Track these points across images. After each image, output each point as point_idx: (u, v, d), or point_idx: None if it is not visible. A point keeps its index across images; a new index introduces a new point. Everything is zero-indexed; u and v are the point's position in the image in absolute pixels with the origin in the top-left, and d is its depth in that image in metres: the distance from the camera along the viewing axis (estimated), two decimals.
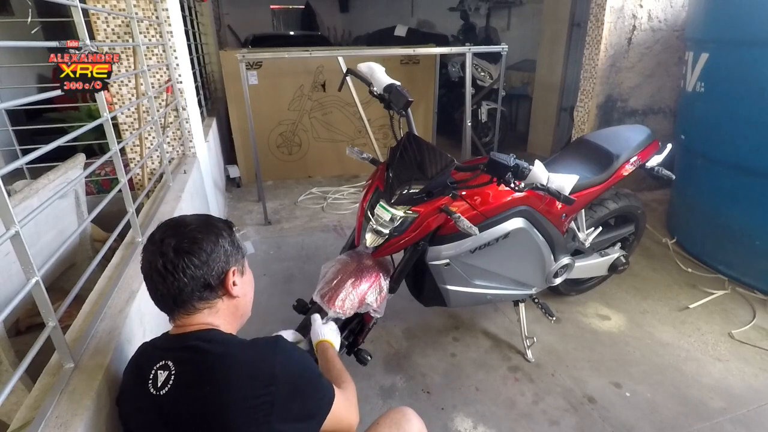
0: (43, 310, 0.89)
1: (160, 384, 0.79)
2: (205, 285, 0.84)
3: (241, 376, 0.78)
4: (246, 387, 0.77)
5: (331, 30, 9.58)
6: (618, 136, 2.06)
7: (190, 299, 0.84)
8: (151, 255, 0.83)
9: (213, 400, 0.76)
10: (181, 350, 0.82)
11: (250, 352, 0.82)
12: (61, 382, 0.90)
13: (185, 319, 0.85)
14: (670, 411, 1.67)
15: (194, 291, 0.83)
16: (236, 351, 0.81)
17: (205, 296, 0.85)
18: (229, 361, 0.79)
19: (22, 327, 1.80)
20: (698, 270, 2.57)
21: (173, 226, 0.86)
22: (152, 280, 0.83)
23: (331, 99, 4.05)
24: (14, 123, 3.35)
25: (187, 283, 0.82)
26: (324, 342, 1.21)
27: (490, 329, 2.11)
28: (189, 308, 0.85)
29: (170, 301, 0.84)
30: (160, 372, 0.81)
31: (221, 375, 0.78)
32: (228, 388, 0.76)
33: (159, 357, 0.82)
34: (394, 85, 1.57)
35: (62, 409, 0.85)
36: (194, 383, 0.78)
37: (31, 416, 0.83)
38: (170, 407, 0.78)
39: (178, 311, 0.85)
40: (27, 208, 1.55)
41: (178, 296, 0.83)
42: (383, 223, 1.42)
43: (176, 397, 0.78)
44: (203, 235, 0.85)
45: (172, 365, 0.80)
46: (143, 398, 0.80)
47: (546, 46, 4.57)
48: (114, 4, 2.13)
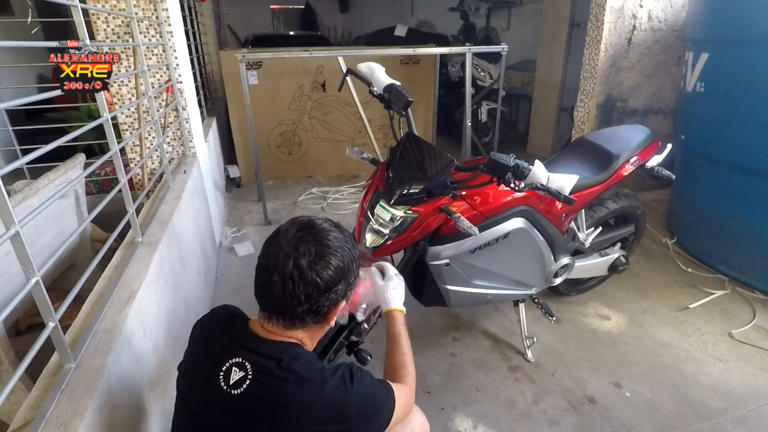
0: (43, 310, 0.89)
1: (232, 382, 0.80)
2: (316, 311, 0.84)
3: (316, 408, 0.79)
4: (317, 420, 0.79)
5: (331, 30, 9.58)
6: (618, 136, 2.06)
7: (295, 316, 0.83)
8: (283, 257, 0.80)
9: (282, 422, 0.77)
10: (265, 358, 0.81)
11: (328, 387, 0.81)
12: (61, 382, 0.90)
13: (276, 327, 0.85)
14: (670, 411, 1.67)
15: (304, 312, 0.83)
16: (316, 380, 0.81)
17: (308, 320, 0.85)
18: (307, 390, 0.80)
19: (22, 327, 1.80)
20: (698, 270, 2.57)
21: (314, 233, 0.84)
22: (270, 277, 0.81)
23: (331, 99, 4.05)
24: (14, 123, 3.34)
25: (303, 302, 0.81)
26: (395, 311, 1.16)
27: (490, 329, 2.11)
28: (288, 322, 0.84)
29: (275, 306, 0.83)
30: (235, 369, 0.80)
31: (296, 401, 0.78)
32: (299, 416, 0.78)
33: (237, 353, 0.82)
34: (394, 85, 1.57)
35: (62, 409, 0.85)
36: (269, 399, 0.79)
37: (31, 416, 0.83)
38: (238, 409, 0.79)
39: (275, 318, 0.84)
40: (27, 208, 1.55)
41: (286, 307, 0.82)
42: (383, 223, 1.42)
43: (247, 404, 0.79)
44: (337, 261, 0.83)
45: (250, 368, 0.80)
46: (210, 387, 0.81)
47: (546, 46, 4.57)
48: (114, 4, 2.13)
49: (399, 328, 1.16)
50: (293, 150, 4.17)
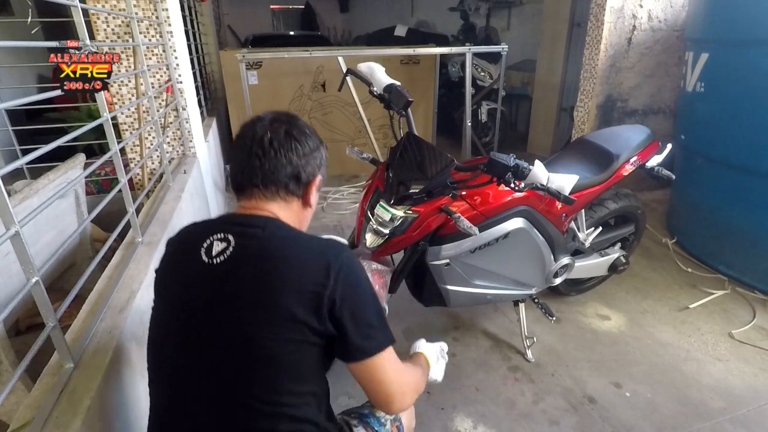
0: (43, 310, 0.89)
1: (215, 253, 0.78)
2: (296, 176, 0.85)
3: (304, 260, 0.77)
4: (305, 272, 0.76)
5: (331, 30, 9.58)
6: (618, 136, 2.06)
7: (277, 182, 0.84)
8: (259, 129, 0.84)
9: (270, 276, 0.75)
10: (248, 227, 0.81)
11: (317, 244, 0.82)
12: (61, 382, 0.90)
13: (259, 201, 0.85)
14: (670, 411, 1.67)
15: (285, 177, 0.84)
16: (304, 239, 0.82)
17: (290, 188, 0.85)
18: (295, 244, 0.80)
19: (22, 327, 1.80)
20: (698, 270, 2.57)
21: (284, 115, 0.89)
22: (249, 152, 0.82)
23: (331, 99, 4.05)
24: (14, 123, 3.34)
25: (285, 165, 0.83)
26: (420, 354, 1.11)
27: (490, 329, 2.11)
28: (270, 191, 0.84)
29: (256, 178, 0.83)
30: (217, 243, 0.79)
31: (284, 254, 0.78)
32: (288, 268, 0.76)
33: (219, 230, 0.81)
34: (394, 85, 1.57)
35: (62, 409, 0.85)
36: (255, 257, 0.77)
37: (31, 416, 0.83)
38: (222, 276, 0.77)
39: (257, 191, 0.84)
40: (27, 208, 1.55)
41: (268, 175, 0.83)
42: (383, 223, 1.43)
43: (231, 268, 0.77)
44: (311, 134, 0.89)
45: (233, 239, 0.79)
46: (191, 265, 0.79)
47: (546, 46, 4.57)
48: (114, 4, 2.13)
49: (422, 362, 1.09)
50: None
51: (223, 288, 0.77)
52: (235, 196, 0.88)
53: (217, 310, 0.76)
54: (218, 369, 0.75)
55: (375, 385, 0.82)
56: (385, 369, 0.81)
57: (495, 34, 5.82)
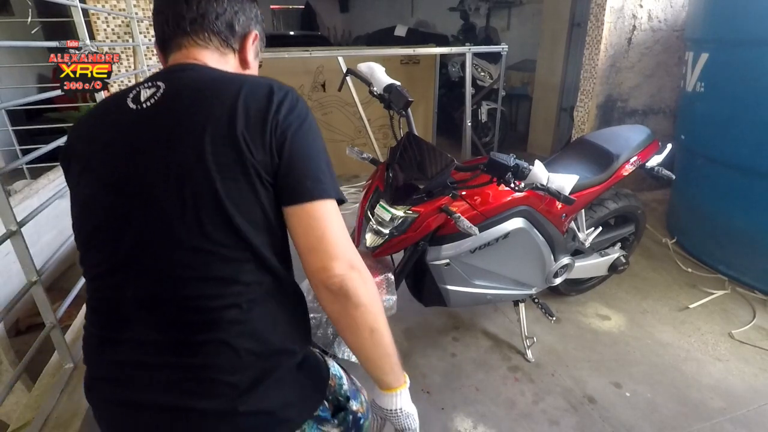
0: (43, 310, 0.89)
1: (143, 99, 0.70)
2: (229, 24, 0.79)
3: (247, 85, 0.70)
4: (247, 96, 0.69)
5: (331, 30, 9.58)
6: (618, 136, 2.06)
7: (208, 28, 0.77)
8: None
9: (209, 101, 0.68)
10: (180, 71, 0.74)
11: (261, 77, 0.75)
12: (61, 382, 0.90)
13: (191, 50, 0.77)
14: (670, 411, 1.67)
15: (217, 22, 0.77)
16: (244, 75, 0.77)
17: (224, 36, 0.79)
18: (235, 75, 0.75)
19: (22, 327, 1.80)
20: (698, 270, 2.57)
21: None
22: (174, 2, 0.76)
23: (331, 99, 4.05)
24: (14, 123, 3.34)
25: (214, 8, 0.76)
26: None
27: (490, 329, 2.11)
28: (201, 37, 0.77)
29: (183, 22, 0.76)
30: (145, 90, 0.71)
31: (223, 80, 0.72)
32: (229, 92, 0.69)
33: (145, 81, 0.74)
34: (394, 85, 1.57)
35: (62, 409, 0.85)
36: (191, 88, 0.71)
37: (31, 416, 0.83)
38: (155, 116, 0.69)
39: (186, 40, 0.77)
40: (27, 208, 1.55)
41: (197, 19, 0.76)
42: (383, 223, 1.42)
43: (165, 105, 0.69)
44: None
45: (162, 84, 0.71)
46: (118, 116, 0.71)
47: (546, 46, 4.57)
48: (114, 4, 2.13)
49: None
50: None
51: (157, 127, 0.69)
52: (162, 58, 0.80)
53: (156, 151, 0.68)
54: (164, 211, 0.66)
55: (316, 239, 0.68)
56: (331, 222, 0.69)
57: (495, 34, 5.82)
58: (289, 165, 0.68)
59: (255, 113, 0.68)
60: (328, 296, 0.69)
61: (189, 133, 0.67)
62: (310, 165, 0.70)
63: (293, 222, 0.70)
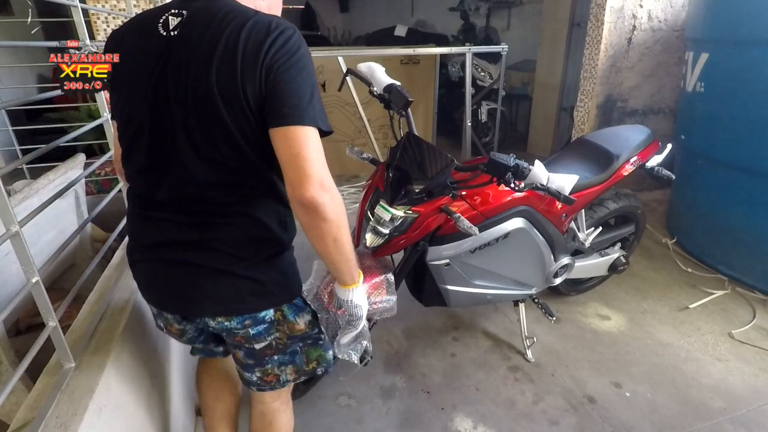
0: (43, 310, 0.89)
1: (171, 26, 0.83)
2: None
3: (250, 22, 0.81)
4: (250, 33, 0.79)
5: (331, 30, 9.57)
6: (618, 136, 2.06)
7: None
8: None
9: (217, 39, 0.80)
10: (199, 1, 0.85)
11: (265, 15, 0.84)
12: (61, 382, 0.90)
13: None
14: (670, 411, 1.67)
15: None
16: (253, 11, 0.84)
17: None
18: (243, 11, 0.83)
19: (22, 327, 1.80)
20: (698, 270, 2.57)
21: None
22: None
23: (331, 99, 4.05)
24: (14, 123, 3.34)
25: None
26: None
27: (490, 329, 2.11)
28: None
29: None
30: (173, 18, 0.84)
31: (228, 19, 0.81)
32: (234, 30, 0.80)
33: (174, 8, 0.85)
34: (394, 85, 1.57)
35: (62, 409, 0.85)
36: (204, 25, 0.82)
37: (31, 416, 0.83)
38: (175, 44, 0.82)
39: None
40: (27, 208, 1.55)
41: None
42: (383, 223, 1.42)
43: (183, 34, 0.82)
44: None
45: (185, 12, 0.84)
46: (151, 40, 0.84)
47: (546, 46, 4.57)
48: (114, 4, 2.13)
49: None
50: None
51: (179, 54, 0.82)
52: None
53: (178, 75, 0.81)
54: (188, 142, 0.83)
55: (293, 159, 0.79)
56: (308, 145, 0.79)
57: (495, 34, 5.82)
58: (272, 95, 0.80)
59: (252, 46, 0.79)
60: (301, 209, 0.81)
61: (201, 62, 0.80)
62: (290, 95, 0.79)
63: (274, 143, 0.81)
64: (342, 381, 1.79)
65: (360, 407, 1.69)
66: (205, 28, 0.81)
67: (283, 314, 0.98)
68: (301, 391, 1.67)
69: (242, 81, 0.79)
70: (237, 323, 0.93)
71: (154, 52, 0.83)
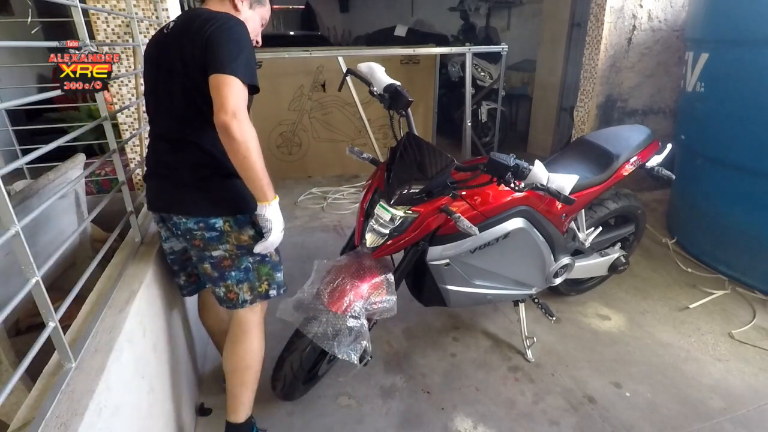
0: (43, 310, 0.89)
1: (169, 29, 1.24)
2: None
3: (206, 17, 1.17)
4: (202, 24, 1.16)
5: (331, 30, 9.56)
6: (618, 136, 2.06)
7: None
8: None
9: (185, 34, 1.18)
10: (190, 11, 1.26)
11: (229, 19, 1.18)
12: (61, 382, 0.90)
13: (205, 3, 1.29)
14: (670, 411, 1.67)
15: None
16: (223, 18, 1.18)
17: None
18: (210, 14, 1.19)
19: (22, 327, 1.80)
20: (698, 270, 2.57)
21: None
22: None
23: (331, 99, 4.05)
24: (14, 123, 3.34)
25: None
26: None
27: (490, 329, 2.11)
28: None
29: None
30: (172, 23, 1.25)
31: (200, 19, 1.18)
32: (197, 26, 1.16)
33: (176, 18, 1.27)
34: (394, 85, 1.57)
35: (62, 409, 0.85)
36: (181, 25, 1.21)
37: (31, 416, 0.83)
38: (168, 38, 1.22)
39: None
40: (27, 208, 1.55)
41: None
42: (383, 223, 1.42)
43: (171, 33, 1.22)
44: None
45: (178, 19, 1.26)
46: (159, 38, 1.26)
47: (546, 46, 4.57)
48: (114, 4, 2.13)
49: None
50: (293, 150, 4.17)
51: (167, 45, 1.22)
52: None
53: (163, 62, 1.22)
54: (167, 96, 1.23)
55: (216, 96, 1.09)
56: (232, 90, 1.09)
57: (495, 34, 5.82)
58: (208, 54, 1.13)
59: (200, 26, 1.15)
60: (219, 131, 1.10)
61: (177, 49, 1.18)
62: (218, 54, 1.12)
63: (210, 85, 1.12)
64: (342, 381, 1.79)
65: (360, 407, 1.69)
66: (183, 24, 1.21)
67: (230, 225, 1.26)
68: (301, 391, 1.67)
69: (192, 49, 1.14)
70: (193, 224, 1.25)
71: (159, 46, 1.26)
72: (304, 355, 1.50)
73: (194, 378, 1.70)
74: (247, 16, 1.29)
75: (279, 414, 1.65)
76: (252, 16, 1.32)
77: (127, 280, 1.28)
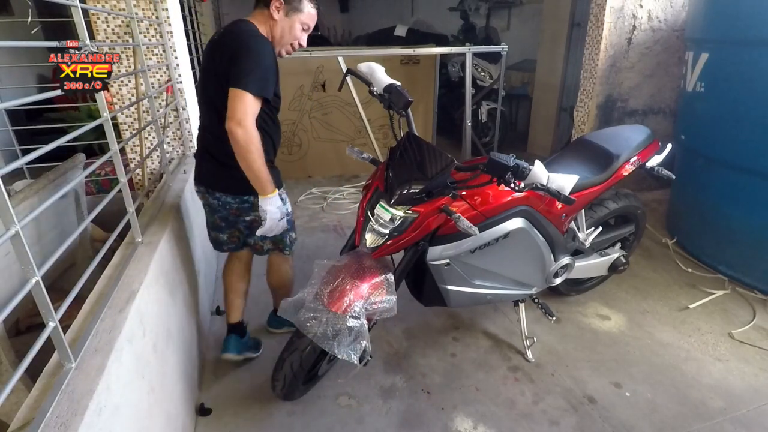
0: (43, 310, 0.89)
1: (217, 36, 1.51)
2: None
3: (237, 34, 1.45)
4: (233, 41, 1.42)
5: (331, 30, 9.56)
6: (618, 136, 2.06)
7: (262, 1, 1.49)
8: None
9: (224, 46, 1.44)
10: (236, 23, 1.50)
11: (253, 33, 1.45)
12: (61, 382, 0.90)
13: (253, 12, 1.52)
14: (670, 411, 1.67)
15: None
16: (251, 31, 1.45)
17: (263, 4, 1.48)
18: (246, 31, 1.45)
19: (22, 327, 1.80)
20: (698, 270, 2.57)
21: None
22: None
23: (331, 99, 4.05)
24: (14, 123, 3.35)
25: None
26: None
27: (490, 329, 2.11)
28: (257, 6, 1.51)
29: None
30: (221, 30, 1.52)
31: (235, 34, 1.45)
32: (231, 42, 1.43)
33: (225, 27, 1.53)
34: (394, 85, 1.57)
35: (62, 409, 0.85)
36: (222, 37, 1.49)
37: (31, 416, 0.83)
38: (214, 45, 1.49)
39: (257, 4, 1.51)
40: (27, 208, 1.56)
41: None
42: (383, 223, 1.43)
43: (217, 40, 1.49)
44: None
45: (224, 29, 1.52)
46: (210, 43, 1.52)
47: (546, 46, 4.57)
48: (114, 4, 2.13)
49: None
50: (293, 150, 4.17)
51: (214, 51, 1.47)
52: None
53: (209, 65, 1.48)
54: (210, 99, 1.51)
55: (229, 105, 1.34)
56: (242, 103, 1.33)
57: (495, 34, 5.81)
58: (229, 67, 1.38)
59: (230, 45, 1.42)
60: (229, 136, 1.35)
61: (218, 57, 1.43)
62: (235, 67, 1.36)
63: (229, 95, 1.36)
64: (342, 381, 1.79)
65: (360, 407, 1.69)
66: (222, 36, 1.48)
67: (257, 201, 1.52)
68: (301, 391, 1.67)
69: (221, 60, 1.40)
70: (231, 198, 1.58)
71: (208, 51, 1.51)
72: (304, 355, 1.49)
73: (194, 378, 1.70)
74: (284, 24, 1.50)
75: (279, 414, 1.65)
76: (289, 24, 1.50)
77: (127, 280, 1.28)
